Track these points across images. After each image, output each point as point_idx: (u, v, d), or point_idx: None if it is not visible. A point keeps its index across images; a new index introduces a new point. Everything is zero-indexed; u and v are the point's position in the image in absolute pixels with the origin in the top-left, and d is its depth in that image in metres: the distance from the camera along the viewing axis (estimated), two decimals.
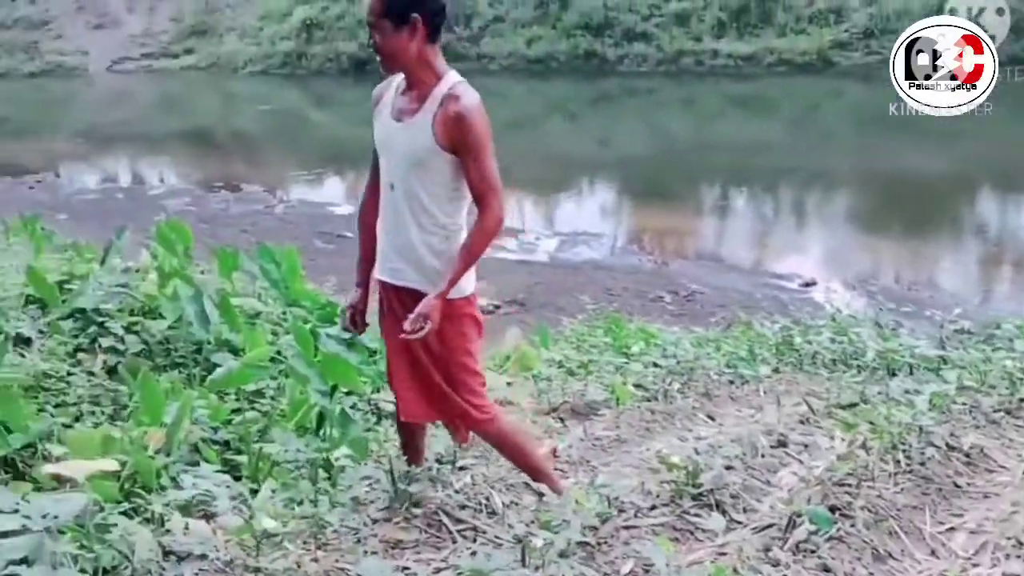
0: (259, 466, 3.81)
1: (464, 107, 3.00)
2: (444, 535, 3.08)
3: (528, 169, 20.86)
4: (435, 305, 3.01)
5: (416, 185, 3.10)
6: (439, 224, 3.13)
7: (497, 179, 3.09)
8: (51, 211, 17.31)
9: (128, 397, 4.90)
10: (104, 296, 5.72)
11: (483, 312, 3.40)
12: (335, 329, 5.93)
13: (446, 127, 3.02)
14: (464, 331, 3.21)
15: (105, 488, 3.27)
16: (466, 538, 3.07)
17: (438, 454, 3.67)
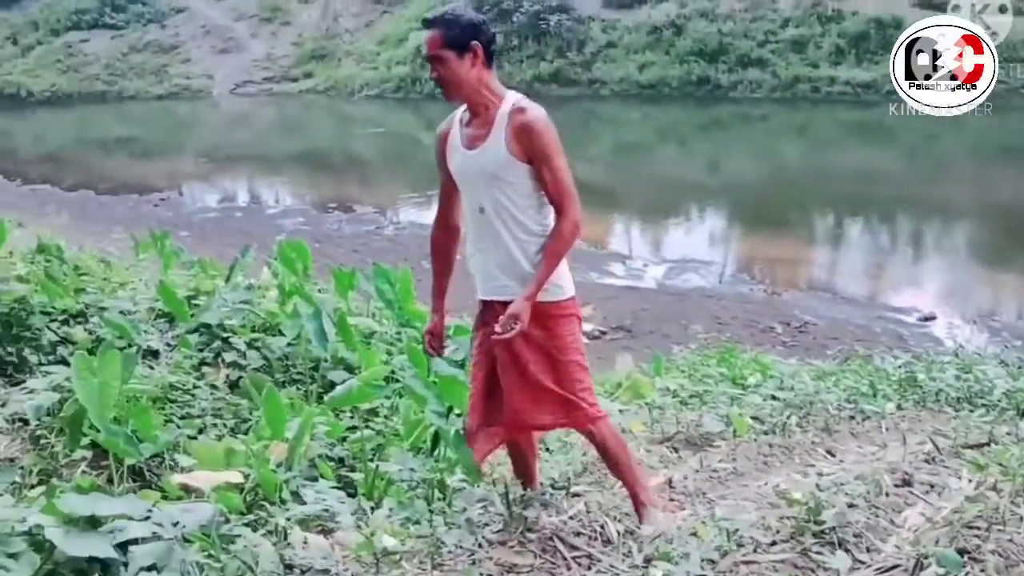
0: (375, 484, 3.87)
1: (531, 118, 3.16)
2: (559, 561, 3.08)
3: (637, 194, 20.85)
4: (524, 307, 3.16)
5: (504, 200, 3.24)
6: (533, 232, 3.27)
7: (571, 185, 3.23)
8: (174, 228, 17.90)
9: (249, 411, 5.05)
10: (228, 312, 5.91)
11: (590, 338, 3.44)
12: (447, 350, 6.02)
13: (518, 139, 3.16)
14: (572, 331, 3.33)
15: (230, 499, 3.37)
16: (581, 565, 3.06)
17: (551, 479, 3.69)
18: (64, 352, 5.34)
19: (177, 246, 8.47)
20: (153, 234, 7.99)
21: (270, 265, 7.71)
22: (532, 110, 3.17)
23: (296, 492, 3.67)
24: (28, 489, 3.97)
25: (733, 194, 20.43)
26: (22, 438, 4.54)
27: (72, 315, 5.68)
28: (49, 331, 5.39)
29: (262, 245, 16.02)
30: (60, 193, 22.40)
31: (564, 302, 3.30)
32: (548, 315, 3.26)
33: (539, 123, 3.15)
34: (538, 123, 3.15)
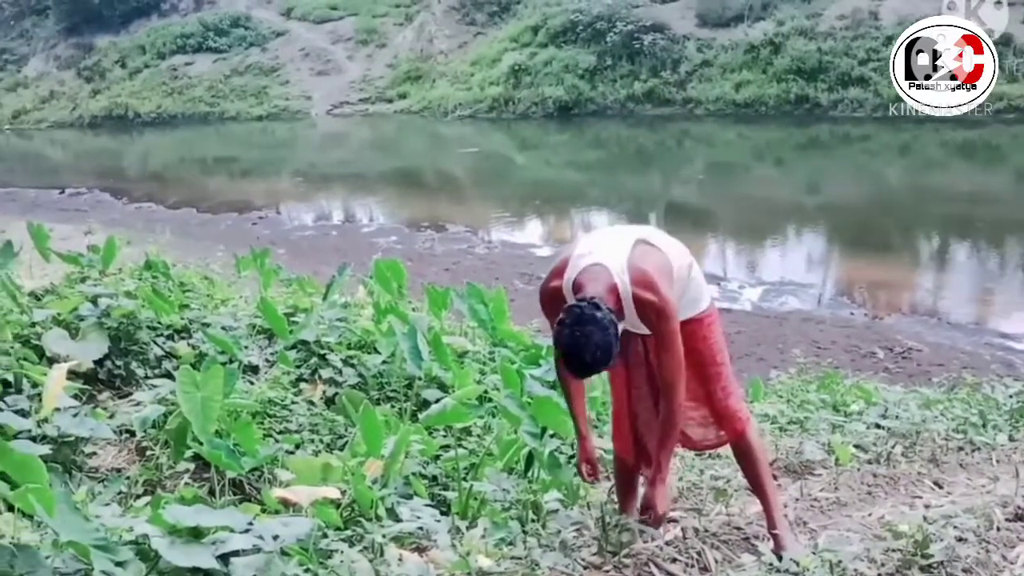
0: (469, 503, 3.90)
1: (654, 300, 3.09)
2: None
3: (732, 215, 20.60)
4: (660, 491, 3.23)
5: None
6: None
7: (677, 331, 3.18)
8: (272, 245, 18.24)
9: (344, 427, 5.12)
10: (325, 329, 6.02)
11: None
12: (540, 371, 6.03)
13: (644, 316, 3.15)
14: (713, 336, 3.35)
15: (328, 514, 3.42)
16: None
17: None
18: (169, 366, 5.50)
19: (276, 264, 8.64)
20: (253, 252, 8.17)
21: (365, 283, 7.82)
22: (653, 292, 3.08)
23: (391, 509, 3.71)
24: (134, 499, 4.09)
25: (832, 215, 20.04)
26: (129, 449, 4.68)
27: (177, 330, 5.85)
28: (155, 345, 5.56)
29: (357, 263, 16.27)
30: (164, 211, 23.07)
31: (701, 315, 3.32)
32: (688, 332, 3.24)
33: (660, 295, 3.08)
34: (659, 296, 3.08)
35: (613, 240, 3.20)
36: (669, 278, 3.14)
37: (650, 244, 3.19)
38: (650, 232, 3.31)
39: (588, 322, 2.87)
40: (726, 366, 3.40)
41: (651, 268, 3.07)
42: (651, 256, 3.14)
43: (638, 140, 31.01)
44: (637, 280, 3.05)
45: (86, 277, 6.51)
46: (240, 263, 8.11)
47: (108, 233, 19.50)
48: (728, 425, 3.37)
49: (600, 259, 3.10)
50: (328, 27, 45.18)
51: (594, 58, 35.08)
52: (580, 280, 3.09)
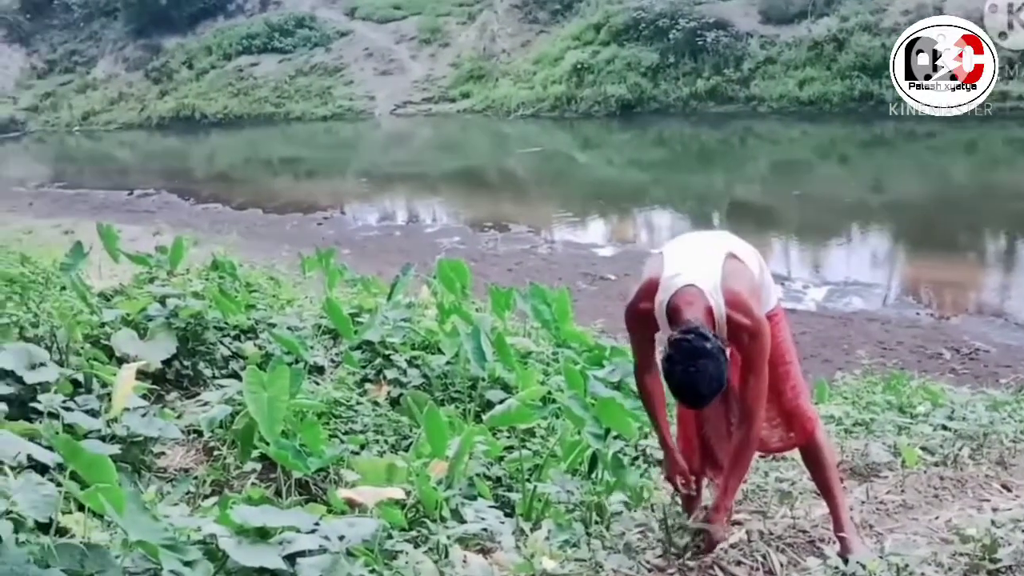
0: (533, 505, 3.89)
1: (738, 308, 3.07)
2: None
3: (795, 214, 20.34)
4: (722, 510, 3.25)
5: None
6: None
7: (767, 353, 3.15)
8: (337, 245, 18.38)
9: (409, 428, 5.14)
10: (390, 330, 6.05)
11: None
12: (603, 372, 6.01)
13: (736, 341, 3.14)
14: (779, 340, 3.28)
15: (393, 515, 3.43)
16: None
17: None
18: (236, 366, 5.58)
19: (341, 264, 8.71)
20: (318, 252, 8.25)
21: (429, 284, 7.85)
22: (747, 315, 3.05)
23: (455, 510, 3.71)
24: (202, 499, 4.15)
25: (898, 214, 19.69)
26: (196, 449, 4.75)
27: (243, 330, 5.93)
28: (222, 345, 5.64)
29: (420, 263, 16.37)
30: (230, 212, 23.39)
31: (769, 314, 3.26)
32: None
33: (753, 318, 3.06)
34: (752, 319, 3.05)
35: (702, 256, 3.15)
36: (758, 296, 3.12)
37: (737, 258, 3.15)
38: (731, 241, 3.27)
39: (700, 355, 2.84)
40: (795, 365, 3.36)
41: (744, 289, 3.04)
42: (741, 274, 3.11)
43: (701, 138, 30.75)
44: (731, 302, 3.01)
45: (154, 277, 6.62)
46: (305, 263, 8.20)
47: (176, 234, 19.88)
48: (797, 426, 3.33)
49: (693, 279, 3.05)
50: (391, 27, 45.43)
51: (657, 56, 34.81)
52: (675, 303, 3.03)
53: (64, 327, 4.85)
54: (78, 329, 5.01)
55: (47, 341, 4.87)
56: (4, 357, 4.34)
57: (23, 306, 5.15)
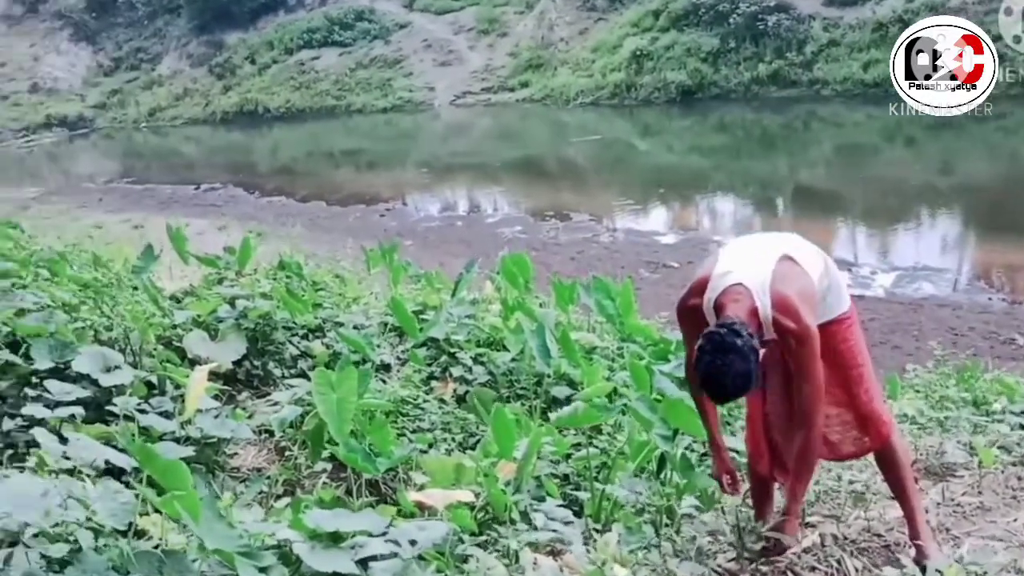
0: (602, 506, 3.88)
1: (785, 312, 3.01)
2: None
3: (861, 198, 20.01)
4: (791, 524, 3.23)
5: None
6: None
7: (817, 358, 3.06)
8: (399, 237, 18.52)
9: (475, 425, 5.16)
10: (455, 327, 6.07)
11: None
12: (669, 366, 5.96)
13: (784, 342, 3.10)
14: (853, 337, 3.25)
15: (462, 519, 3.44)
16: None
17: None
18: (304, 365, 5.64)
19: (405, 260, 8.75)
20: (382, 247, 8.30)
21: (493, 279, 7.85)
22: (793, 319, 3.00)
23: (524, 512, 3.71)
24: (274, 499, 4.20)
25: (967, 197, 19.28)
26: (268, 449, 4.81)
27: (311, 329, 5.99)
28: (291, 345, 5.70)
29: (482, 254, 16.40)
30: (294, 204, 23.66)
31: (841, 317, 3.22)
32: (830, 334, 3.16)
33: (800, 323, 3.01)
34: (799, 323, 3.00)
35: (756, 256, 3.11)
36: (811, 302, 3.05)
37: (793, 261, 3.09)
38: (792, 243, 3.20)
39: (728, 350, 2.82)
40: (868, 367, 3.29)
41: (793, 293, 2.98)
42: (794, 278, 3.05)
43: (763, 123, 30.36)
44: (778, 305, 2.97)
45: (223, 278, 6.71)
46: (370, 259, 8.24)
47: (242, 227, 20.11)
48: (872, 430, 3.26)
49: (742, 278, 3.02)
50: (449, 18, 45.55)
51: (717, 41, 34.43)
52: (721, 300, 3.03)
53: (137, 330, 4.94)
54: (151, 331, 5.10)
55: (120, 344, 4.97)
56: (80, 361, 4.43)
57: (97, 310, 5.25)
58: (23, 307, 4.82)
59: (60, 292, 5.39)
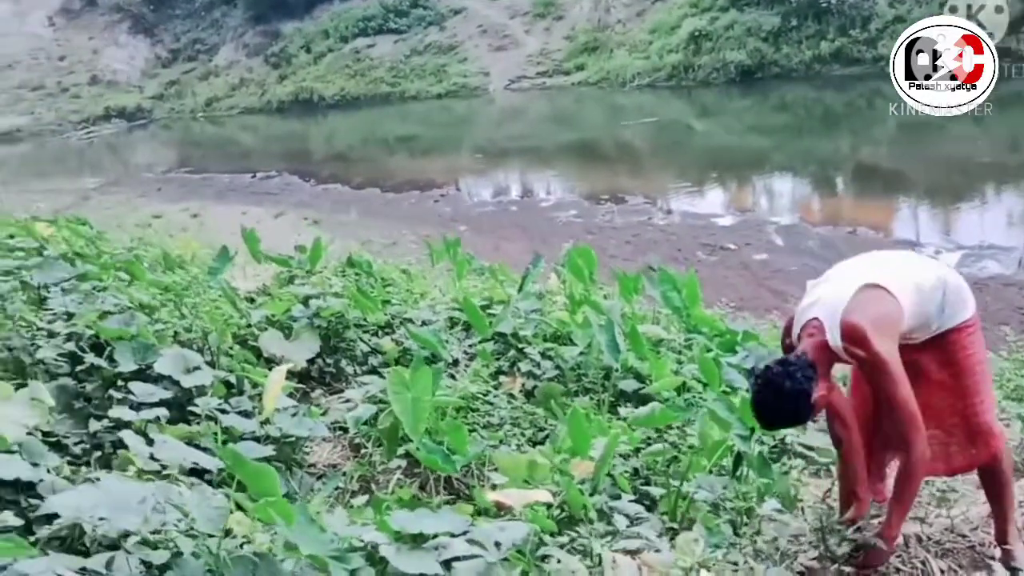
0: (678, 503, 3.91)
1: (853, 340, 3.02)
2: None
3: (925, 176, 19.68)
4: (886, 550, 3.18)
5: None
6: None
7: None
8: (453, 222, 18.66)
9: (544, 420, 5.21)
10: (522, 322, 6.12)
11: None
12: (736, 358, 5.98)
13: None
14: (973, 345, 3.23)
15: (542, 519, 3.50)
16: None
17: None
18: (375, 361, 5.74)
19: (468, 253, 8.80)
20: (445, 240, 8.37)
21: (558, 272, 7.88)
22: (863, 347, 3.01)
23: (601, 510, 3.76)
24: (350, 495, 4.30)
25: None
26: (342, 445, 4.91)
27: (380, 326, 6.08)
28: (362, 342, 5.80)
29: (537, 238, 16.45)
30: (349, 192, 23.79)
31: (962, 325, 3.20)
32: (947, 342, 3.19)
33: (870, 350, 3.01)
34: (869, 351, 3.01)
35: (837, 287, 3.13)
36: (891, 328, 3.02)
37: (877, 287, 3.07)
38: (883, 268, 3.19)
39: (773, 387, 2.93)
40: (984, 379, 3.26)
41: (864, 321, 2.98)
42: (871, 305, 3.03)
43: (825, 102, 29.89)
44: (847, 335, 2.99)
45: (293, 276, 6.82)
46: (434, 254, 8.32)
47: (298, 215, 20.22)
48: (981, 443, 3.23)
49: (819, 312, 3.08)
50: (505, 2, 45.34)
51: (778, 19, 33.89)
52: (801, 335, 3.11)
53: (215, 331, 5.05)
54: (228, 332, 5.21)
55: (198, 344, 5.09)
56: (163, 362, 4.55)
57: (177, 312, 5.38)
58: (105, 310, 4.96)
59: (139, 294, 5.52)
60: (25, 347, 4.45)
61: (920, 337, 3.17)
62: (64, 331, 4.68)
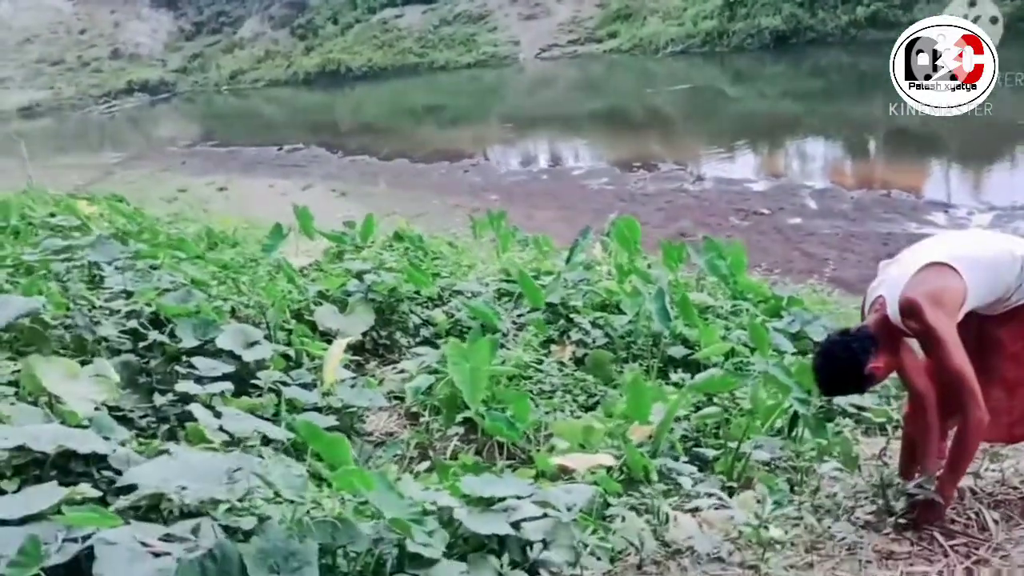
0: (735, 464, 4.00)
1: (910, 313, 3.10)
2: (935, 549, 3.08)
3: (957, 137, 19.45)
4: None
5: None
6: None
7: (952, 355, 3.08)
8: (484, 192, 18.67)
9: (594, 387, 5.31)
10: (571, 292, 6.21)
11: None
12: (782, 323, 6.04)
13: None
14: None
15: (608, 481, 3.60)
16: (959, 553, 3.04)
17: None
18: (426, 333, 5.85)
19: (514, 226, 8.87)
20: (490, 214, 8.44)
21: (603, 242, 7.94)
22: (916, 320, 3.09)
23: (661, 472, 3.86)
24: (408, 462, 4.41)
25: None
26: (399, 414, 5.03)
27: (431, 298, 6.18)
28: (414, 315, 5.91)
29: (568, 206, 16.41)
30: (377, 163, 23.72)
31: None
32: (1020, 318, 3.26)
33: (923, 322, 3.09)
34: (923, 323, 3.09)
35: (904, 265, 3.23)
36: (949, 302, 3.09)
37: (942, 265, 3.14)
38: (954, 248, 3.24)
39: (828, 357, 3.15)
40: None
41: (921, 296, 3.06)
42: (931, 281, 3.11)
43: (859, 67, 29.56)
44: (903, 309, 3.09)
45: (343, 252, 6.93)
46: (477, 226, 8.39)
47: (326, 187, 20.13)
48: None
49: (883, 291, 3.21)
50: None
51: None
52: (869, 312, 3.26)
53: (273, 306, 5.16)
54: (286, 307, 5.33)
55: (255, 319, 5.21)
56: (223, 338, 4.67)
57: (235, 288, 5.49)
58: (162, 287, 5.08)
59: (194, 271, 5.64)
60: (87, 325, 4.55)
61: (1000, 309, 3.24)
62: (124, 309, 4.79)
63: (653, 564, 3.08)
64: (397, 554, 2.95)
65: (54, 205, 7.49)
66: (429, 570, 2.90)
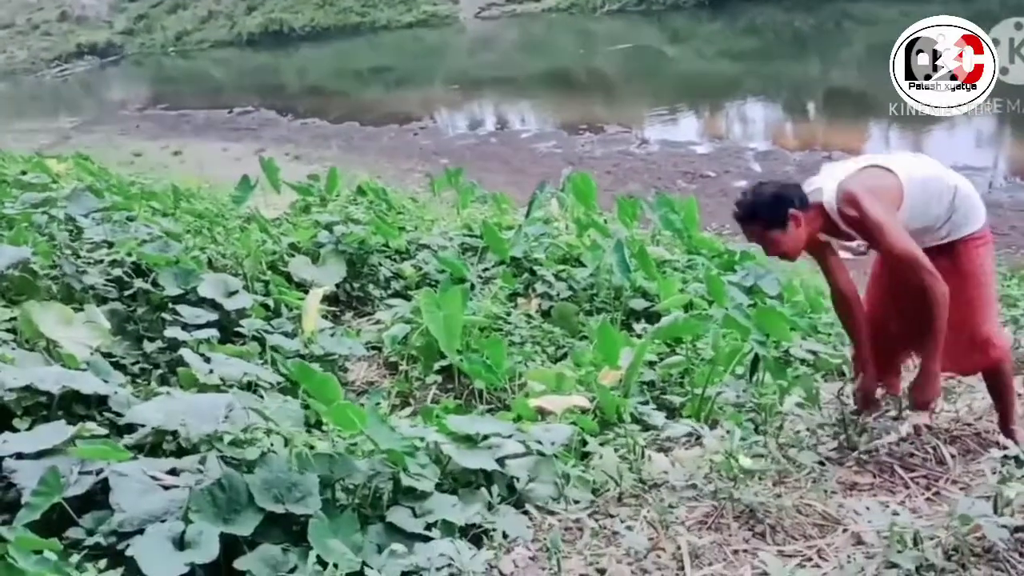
0: (701, 407, 4.23)
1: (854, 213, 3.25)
2: (896, 480, 3.29)
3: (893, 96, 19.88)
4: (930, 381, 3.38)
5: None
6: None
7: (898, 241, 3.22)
8: (435, 156, 18.69)
9: (561, 338, 5.51)
10: (533, 246, 6.39)
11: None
12: (736, 276, 6.28)
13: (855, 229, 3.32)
14: (979, 260, 3.38)
15: (585, 422, 3.81)
16: (919, 485, 3.25)
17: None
18: (397, 286, 6.01)
19: (471, 182, 9.01)
20: (448, 172, 8.58)
21: (559, 198, 8.11)
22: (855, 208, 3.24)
23: (632, 413, 4.08)
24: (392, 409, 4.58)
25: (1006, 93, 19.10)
26: (378, 364, 5.20)
27: (399, 252, 6.33)
28: (383, 268, 6.06)
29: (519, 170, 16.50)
30: (328, 126, 23.55)
31: (968, 237, 3.35)
32: (956, 252, 3.36)
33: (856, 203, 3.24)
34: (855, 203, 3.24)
35: (847, 165, 3.39)
36: (886, 197, 3.22)
37: (882, 168, 3.31)
38: (895, 159, 3.38)
39: (760, 186, 3.37)
40: (987, 290, 3.43)
41: (859, 186, 3.23)
42: (871, 179, 3.27)
43: (794, 24, 29.95)
44: (843, 198, 3.24)
45: (308, 205, 7.04)
46: (435, 183, 8.53)
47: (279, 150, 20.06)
48: (983, 352, 3.41)
49: (820, 182, 3.35)
50: None
51: None
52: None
53: (249, 256, 5.29)
54: (260, 257, 5.45)
55: (233, 270, 5.33)
56: (205, 287, 4.80)
57: (211, 239, 5.59)
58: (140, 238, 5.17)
59: (167, 223, 5.72)
60: (74, 274, 4.65)
61: (928, 241, 3.32)
62: (107, 259, 4.89)
63: (632, 497, 3.26)
64: (392, 487, 3.13)
65: (24, 163, 7.49)
66: (423, 502, 3.10)
